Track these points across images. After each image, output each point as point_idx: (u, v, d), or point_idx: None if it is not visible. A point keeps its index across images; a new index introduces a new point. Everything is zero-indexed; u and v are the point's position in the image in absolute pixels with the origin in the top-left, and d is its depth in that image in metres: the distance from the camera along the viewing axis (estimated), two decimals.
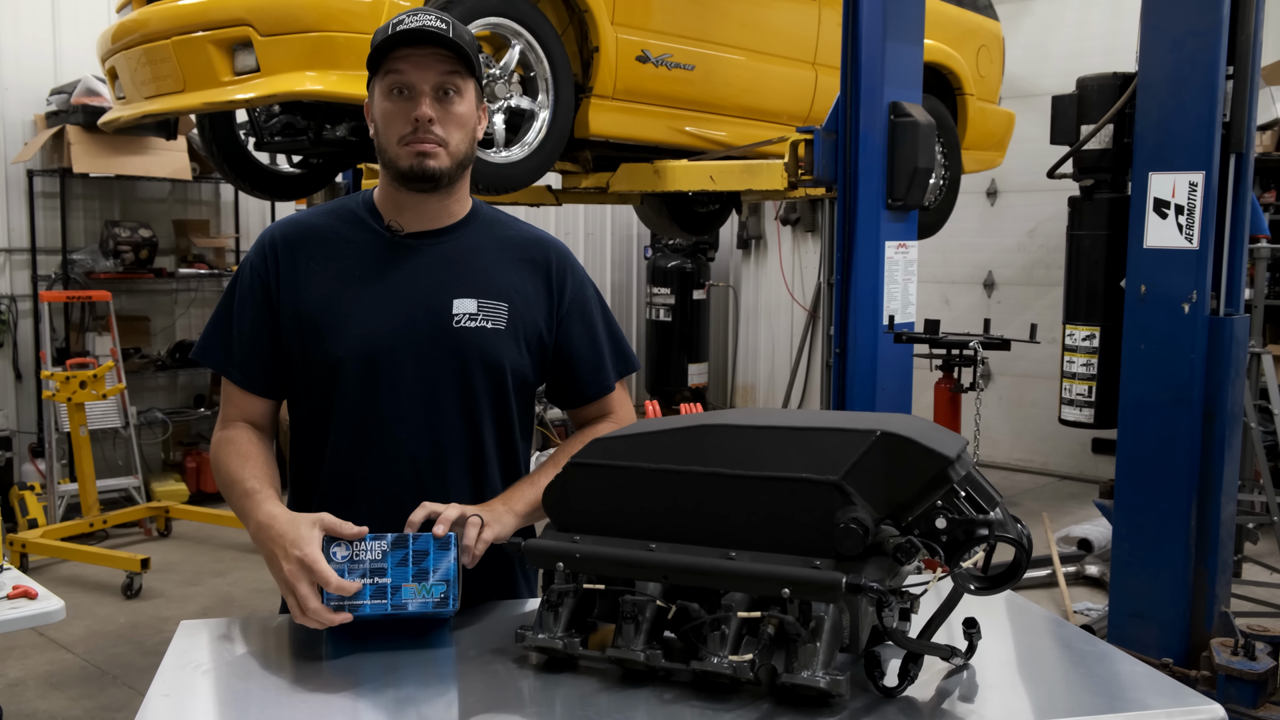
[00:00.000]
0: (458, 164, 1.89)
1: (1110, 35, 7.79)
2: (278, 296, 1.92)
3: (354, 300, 1.89)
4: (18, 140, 6.81)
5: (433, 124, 1.83)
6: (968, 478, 1.47)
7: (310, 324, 1.89)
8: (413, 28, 1.80)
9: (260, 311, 1.92)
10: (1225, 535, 3.94)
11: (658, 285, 9.33)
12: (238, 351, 1.94)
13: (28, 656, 4.72)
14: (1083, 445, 8.12)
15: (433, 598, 1.64)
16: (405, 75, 1.83)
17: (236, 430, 1.94)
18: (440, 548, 1.66)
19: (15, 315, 6.82)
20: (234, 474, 1.86)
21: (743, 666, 1.41)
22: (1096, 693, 1.56)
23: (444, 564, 1.65)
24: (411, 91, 1.83)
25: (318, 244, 1.94)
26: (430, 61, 1.83)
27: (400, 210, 1.94)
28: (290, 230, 1.97)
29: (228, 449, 1.90)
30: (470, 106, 1.89)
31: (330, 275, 1.91)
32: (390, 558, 1.64)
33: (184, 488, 7.18)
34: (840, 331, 4.10)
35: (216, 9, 3.87)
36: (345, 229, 1.95)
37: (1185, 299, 3.81)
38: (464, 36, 1.84)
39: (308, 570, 1.62)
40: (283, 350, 1.93)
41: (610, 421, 2.07)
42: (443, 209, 1.95)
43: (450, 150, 1.87)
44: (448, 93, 1.85)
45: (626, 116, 4.71)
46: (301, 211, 2.05)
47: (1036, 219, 8.38)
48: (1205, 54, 3.77)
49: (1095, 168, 4.55)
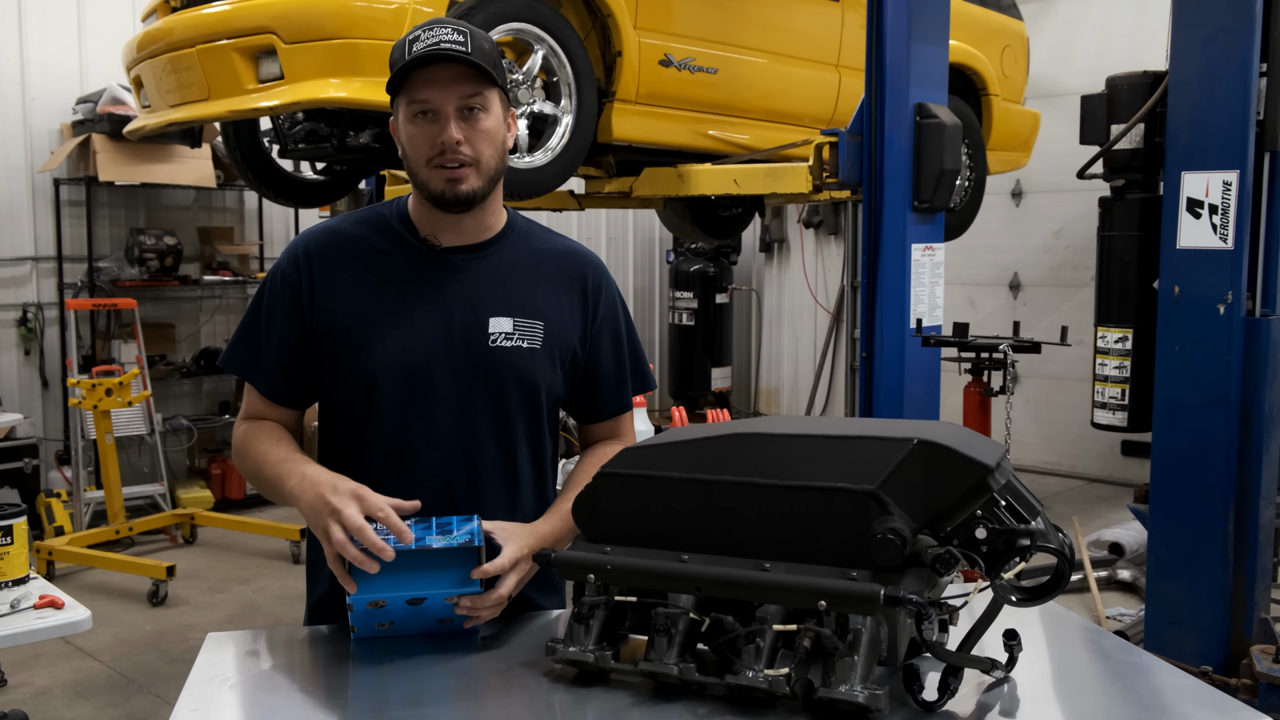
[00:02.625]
0: (489, 180, 1.86)
1: (1136, 34, 7.71)
2: (310, 308, 1.89)
3: (390, 316, 1.86)
4: (44, 149, 6.85)
5: (460, 145, 1.79)
6: (1008, 486, 1.44)
7: (345, 338, 1.87)
8: (430, 48, 1.75)
9: (290, 322, 1.90)
10: (1264, 540, 3.88)
11: (680, 289, 9.31)
12: (265, 361, 1.92)
13: (54, 664, 4.73)
14: (1112, 448, 8.04)
15: (457, 541, 1.64)
16: (427, 98, 1.78)
17: (260, 422, 1.94)
18: (463, 520, 1.69)
19: (42, 323, 6.86)
20: (264, 452, 1.86)
21: (778, 680, 1.38)
22: (1140, 706, 1.53)
23: (468, 525, 1.67)
24: (435, 114, 1.79)
25: (352, 255, 1.91)
26: (451, 80, 1.78)
27: (435, 226, 1.91)
28: (324, 239, 1.93)
29: (256, 433, 1.90)
30: (497, 118, 1.85)
31: (366, 288, 1.88)
32: (415, 527, 1.66)
33: (209, 494, 7.20)
34: (867, 335, 4.06)
35: (240, 17, 3.87)
36: (380, 240, 1.92)
37: (1220, 300, 3.76)
38: (483, 48, 1.79)
39: (359, 500, 1.65)
40: (311, 361, 1.91)
41: (619, 442, 2.04)
42: (478, 224, 1.92)
43: (481, 167, 1.83)
44: (472, 110, 1.80)
45: (649, 121, 4.69)
46: (333, 219, 2.02)
47: (1063, 220, 8.31)
48: (1238, 51, 3.72)
49: (1126, 167, 4.50)
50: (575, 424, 2.13)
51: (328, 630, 1.81)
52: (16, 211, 6.76)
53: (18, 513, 2.92)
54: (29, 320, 6.80)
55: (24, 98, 6.77)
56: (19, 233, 6.78)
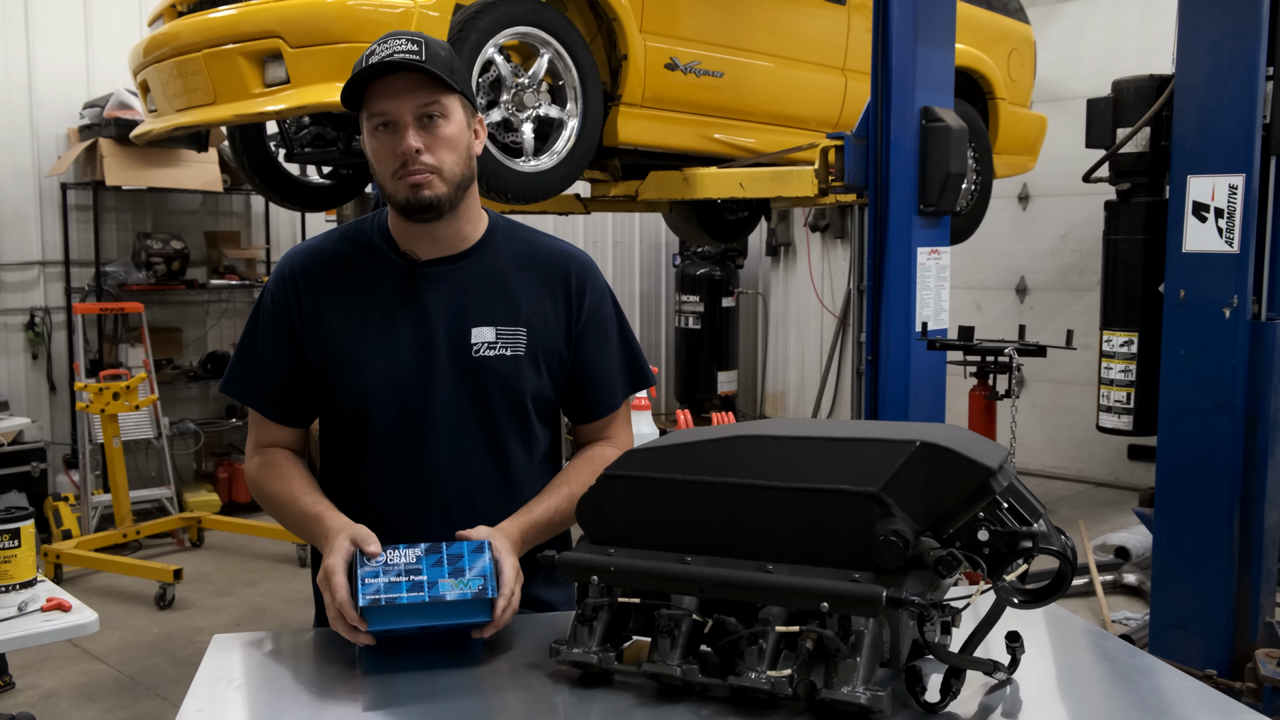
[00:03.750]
0: (455, 187, 1.85)
1: (1143, 37, 7.70)
2: (301, 329, 1.92)
3: (375, 334, 1.89)
4: (51, 154, 6.88)
5: (420, 154, 1.79)
6: (1010, 488, 1.44)
7: (335, 359, 1.90)
8: (383, 59, 1.76)
9: (283, 344, 1.93)
10: (1269, 544, 3.87)
11: (686, 293, 9.32)
12: (264, 383, 1.95)
13: (62, 667, 4.74)
14: (1118, 452, 8.03)
15: (471, 589, 1.62)
16: (385, 109, 1.79)
17: (272, 456, 1.95)
18: (474, 551, 1.66)
19: (49, 327, 6.88)
20: (280, 494, 1.88)
21: (781, 682, 1.39)
22: (1142, 709, 1.53)
23: (480, 563, 1.65)
24: (394, 125, 1.80)
25: (336, 274, 1.93)
26: (406, 90, 1.78)
27: (412, 239, 1.92)
28: (309, 260, 1.95)
29: (268, 473, 1.92)
30: (459, 125, 1.84)
31: (351, 308, 1.90)
32: (425, 560, 1.64)
33: (216, 498, 7.22)
34: (872, 339, 4.06)
35: (247, 21, 3.89)
36: (362, 257, 1.94)
37: (1226, 304, 3.75)
38: (439, 55, 1.79)
39: (327, 578, 1.65)
40: (308, 380, 1.93)
41: (609, 444, 2.05)
42: (454, 234, 1.93)
43: (445, 175, 1.83)
44: (431, 118, 1.80)
45: (655, 124, 4.70)
46: (318, 237, 2.03)
47: (1069, 223, 8.31)
48: (1244, 55, 3.71)
49: (1132, 171, 4.49)
50: (570, 424, 2.12)
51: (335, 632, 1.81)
52: (24, 216, 6.78)
53: (25, 516, 2.93)
54: (36, 324, 6.82)
55: (31, 102, 6.79)
56: (26, 237, 6.80)
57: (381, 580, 1.61)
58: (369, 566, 1.63)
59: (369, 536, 1.68)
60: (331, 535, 1.72)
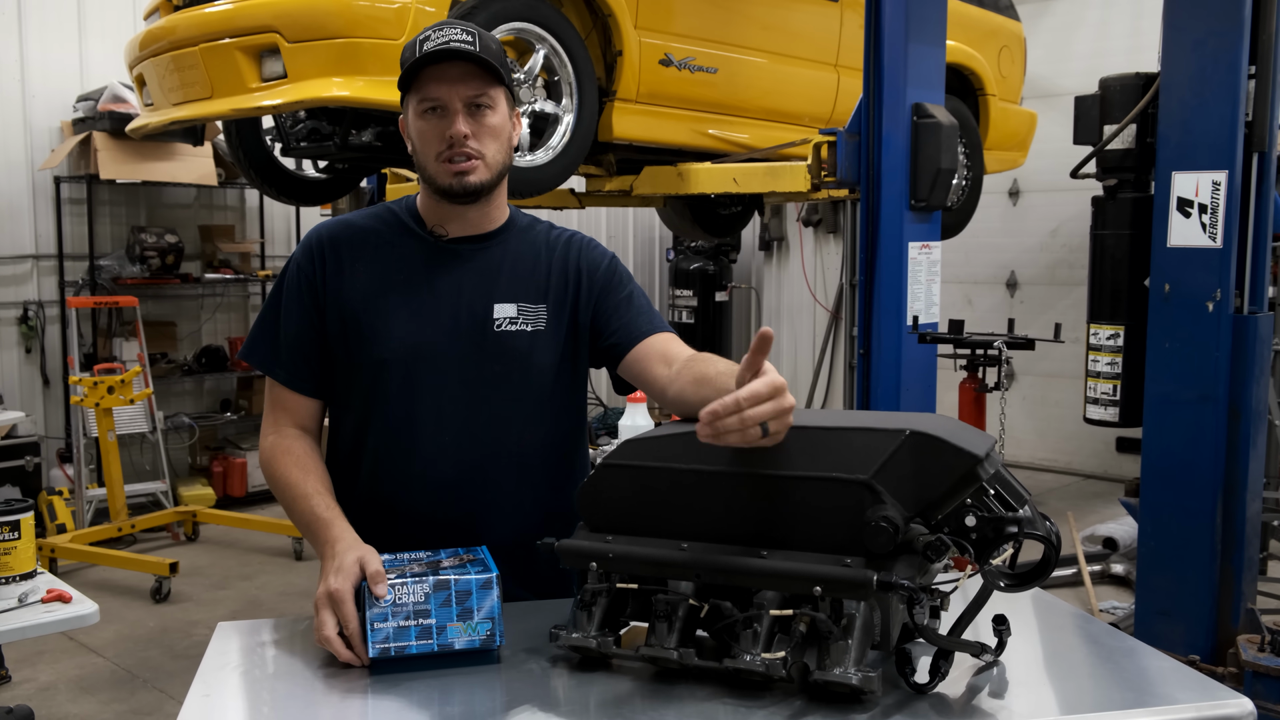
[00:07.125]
0: (495, 174, 1.92)
1: (1132, 35, 7.76)
2: (324, 296, 1.95)
3: (398, 304, 1.92)
4: (45, 147, 6.88)
5: (468, 139, 1.86)
6: (996, 476, 1.48)
7: (354, 325, 1.93)
8: (440, 46, 1.82)
9: (307, 311, 1.95)
10: (1251, 533, 3.93)
11: (680, 287, 9.35)
12: (284, 351, 1.97)
13: (58, 660, 4.77)
14: (1107, 444, 8.09)
15: (479, 635, 1.62)
16: (436, 94, 1.85)
17: (291, 439, 1.95)
18: (482, 587, 1.62)
19: (43, 321, 6.89)
20: (295, 484, 1.88)
21: (775, 664, 1.42)
22: (1125, 688, 1.57)
23: (488, 602, 1.62)
24: (444, 110, 1.86)
25: (363, 245, 1.97)
26: (459, 78, 1.85)
27: (442, 218, 1.97)
28: (337, 230, 2.00)
29: (286, 458, 1.92)
30: (503, 116, 1.91)
31: (374, 277, 1.94)
32: (433, 599, 1.61)
33: (211, 492, 7.24)
34: (864, 332, 4.10)
35: (244, 16, 3.90)
36: (390, 233, 1.99)
37: (1209, 297, 3.80)
38: (491, 47, 1.86)
39: (335, 603, 1.62)
40: (327, 349, 1.96)
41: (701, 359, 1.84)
42: (483, 216, 1.99)
43: (488, 162, 1.90)
44: (480, 106, 1.87)
45: (650, 120, 4.73)
46: (347, 214, 2.09)
47: (1059, 219, 8.36)
48: (1227, 53, 3.76)
49: (1118, 167, 4.54)
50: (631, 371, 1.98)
51: None
52: (17, 209, 6.79)
53: (25, 508, 2.95)
54: (30, 318, 6.83)
55: (24, 95, 6.80)
56: (20, 231, 6.81)
57: (390, 626, 1.59)
58: (377, 609, 1.59)
59: (378, 573, 1.62)
60: (340, 553, 1.69)
